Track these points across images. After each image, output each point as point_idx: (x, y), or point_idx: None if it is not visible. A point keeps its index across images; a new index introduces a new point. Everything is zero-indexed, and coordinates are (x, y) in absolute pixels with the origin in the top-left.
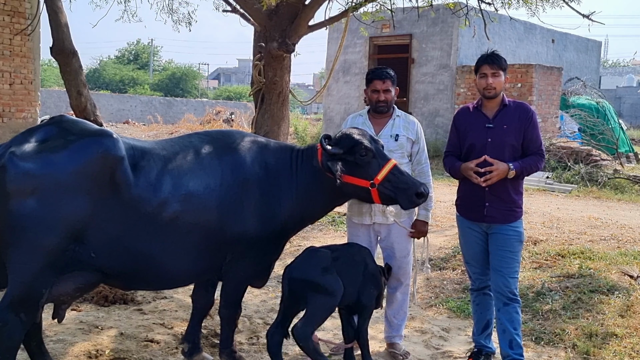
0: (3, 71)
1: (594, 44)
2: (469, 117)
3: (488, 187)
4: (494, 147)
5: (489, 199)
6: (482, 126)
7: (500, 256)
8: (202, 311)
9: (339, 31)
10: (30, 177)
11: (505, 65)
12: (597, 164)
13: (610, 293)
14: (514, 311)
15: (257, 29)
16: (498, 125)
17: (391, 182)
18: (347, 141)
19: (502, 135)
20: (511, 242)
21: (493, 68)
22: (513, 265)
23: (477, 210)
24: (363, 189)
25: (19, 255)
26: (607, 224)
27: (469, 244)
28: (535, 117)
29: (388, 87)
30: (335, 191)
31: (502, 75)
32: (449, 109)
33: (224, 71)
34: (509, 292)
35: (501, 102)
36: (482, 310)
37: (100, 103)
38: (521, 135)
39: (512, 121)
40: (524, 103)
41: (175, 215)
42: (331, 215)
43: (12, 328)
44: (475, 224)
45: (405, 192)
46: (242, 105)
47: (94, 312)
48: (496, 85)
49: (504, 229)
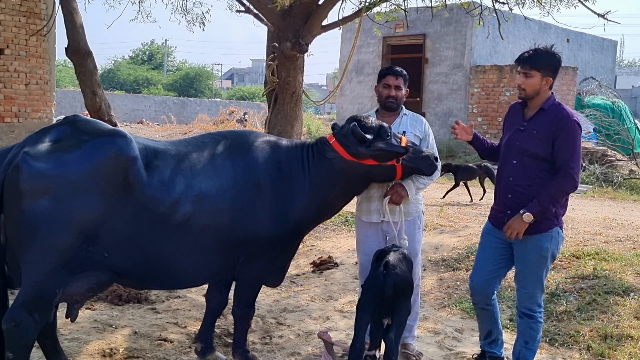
0: (19, 72)
1: (610, 44)
2: (513, 114)
3: (511, 194)
4: (519, 152)
5: (512, 206)
6: (516, 127)
7: (518, 269)
8: (216, 311)
9: (352, 31)
10: (44, 177)
11: (543, 64)
12: (613, 164)
13: (626, 294)
14: (527, 326)
15: (271, 29)
16: (529, 128)
17: (410, 154)
18: (373, 126)
19: (529, 141)
20: (528, 255)
21: (524, 68)
22: (530, 279)
23: (500, 217)
24: (390, 167)
25: (32, 255)
26: (623, 224)
27: (484, 247)
28: (573, 127)
29: (400, 84)
30: (355, 179)
31: (537, 75)
32: (462, 109)
33: (237, 71)
34: (522, 307)
35: (540, 105)
36: (483, 321)
37: (115, 103)
38: (550, 145)
39: (544, 127)
40: (566, 110)
41: (188, 216)
42: (344, 215)
43: (26, 327)
44: (498, 231)
45: (426, 160)
46: (255, 106)
47: (108, 310)
48: (526, 86)
49: (524, 240)
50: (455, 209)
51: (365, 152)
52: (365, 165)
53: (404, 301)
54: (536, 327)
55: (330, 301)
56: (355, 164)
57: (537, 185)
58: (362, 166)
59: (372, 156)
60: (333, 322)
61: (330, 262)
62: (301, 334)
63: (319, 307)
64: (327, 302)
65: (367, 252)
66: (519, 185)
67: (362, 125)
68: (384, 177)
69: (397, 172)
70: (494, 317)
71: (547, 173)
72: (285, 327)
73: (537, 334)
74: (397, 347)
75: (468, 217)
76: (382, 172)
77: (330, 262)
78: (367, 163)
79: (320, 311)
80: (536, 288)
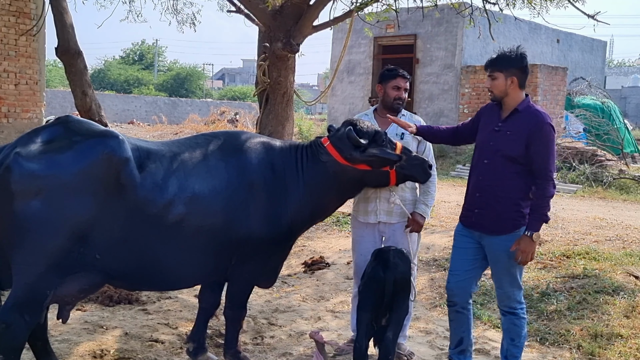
0: (8, 72)
1: (599, 44)
2: (489, 113)
3: (479, 193)
4: (494, 153)
5: (479, 205)
6: (492, 127)
7: (492, 270)
8: (209, 311)
9: (343, 31)
10: (36, 177)
11: (505, 65)
12: (603, 164)
13: (616, 294)
14: (510, 323)
15: (262, 29)
16: (504, 130)
17: (404, 161)
18: (368, 131)
19: (504, 142)
20: (499, 256)
21: (490, 71)
22: (505, 279)
23: (469, 215)
24: (384, 173)
25: (23, 256)
26: (613, 224)
27: (457, 247)
28: (547, 131)
29: (407, 87)
30: (346, 184)
31: (501, 76)
32: (453, 109)
33: (228, 71)
34: (503, 306)
35: (514, 106)
36: (455, 326)
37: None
38: (524, 147)
39: (518, 129)
40: (540, 113)
41: (181, 217)
42: (336, 215)
43: (17, 329)
44: (467, 230)
45: (420, 167)
46: (246, 106)
47: (99, 312)
48: (492, 88)
49: (494, 241)
50: (447, 209)
51: (358, 157)
52: (359, 170)
53: (402, 300)
54: (519, 323)
55: (321, 301)
56: (348, 168)
57: (505, 186)
58: (355, 171)
59: (365, 161)
60: (325, 322)
61: (322, 263)
62: (293, 334)
63: (311, 307)
64: (318, 302)
65: (363, 253)
66: (488, 185)
67: (357, 130)
68: (377, 183)
69: (390, 178)
70: (467, 323)
71: (518, 175)
72: (277, 327)
73: (522, 329)
74: (394, 346)
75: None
76: (376, 178)
77: (322, 262)
78: (360, 168)
79: (311, 311)
80: (512, 286)
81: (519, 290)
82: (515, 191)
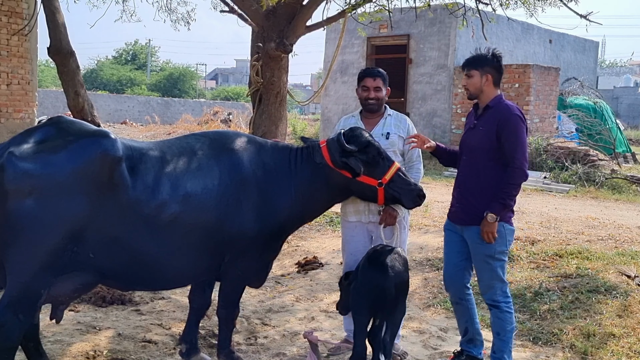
0: (0, 72)
1: (592, 44)
2: (469, 115)
3: (460, 188)
4: (471, 149)
5: (459, 199)
6: (469, 126)
7: (474, 261)
8: (200, 311)
9: (336, 31)
10: (29, 177)
11: (480, 63)
12: (595, 164)
13: (608, 293)
14: (495, 316)
15: (255, 29)
16: (477, 126)
17: (396, 182)
18: (361, 139)
19: (478, 137)
20: (475, 247)
21: (466, 71)
22: (485, 272)
23: (452, 211)
24: (370, 187)
25: (17, 255)
26: (605, 224)
27: (445, 242)
28: (514, 121)
29: (379, 85)
30: (336, 188)
31: (476, 74)
32: (446, 109)
33: (221, 71)
34: (486, 299)
35: (487, 103)
36: (458, 317)
37: (98, 103)
38: (495, 139)
39: (489, 123)
40: (507, 106)
41: (173, 216)
42: (329, 215)
43: (10, 328)
44: (453, 225)
45: (410, 193)
46: (239, 106)
47: (92, 312)
48: (468, 85)
49: (471, 232)
50: (440, 209)
51: (338, 161)
52: (343, 176)
53: (401, 302)
54: (504, 317)
55: (315, 301)
56: (335, 172)
57: (483, 178)
58: (341, 176)
59: (344, 167)
60: (318, 322)
61: (315, 263)
62: (286, 334)
63: (304, 307)
64: (312, 302)
65: (353, 252)
66: (467, 180)
67: (349, 137)
68: (363, 195)
69: (378, 196)
70: (468, 313)
71: (493, 168)
72: (270, 327)
73: (507, 324)
74: (392, 348)
75: None
76: (361, 190)
77: (315, 262)
78: (344, 174)
79: (305, 311)
80: (493, 279)
81: (502, 284)
82: (491, 184)
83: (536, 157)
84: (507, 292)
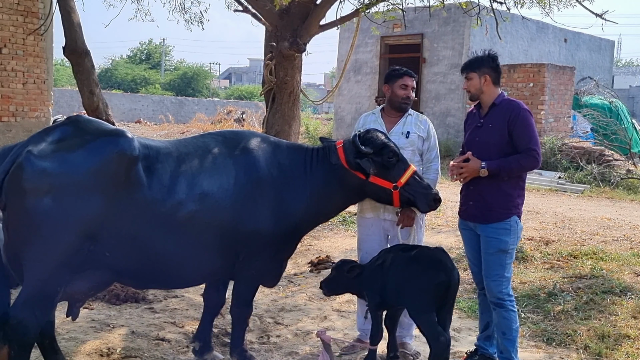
0: (16, 71)
1: (607, 43)
2: (470, 117)
3: (472, 186)
4: (480, 146)
5: (472, 197)
6: (474, 125)
7: (483, 258)
8: (214, 310)
9: (350, 31)
10: (47, 175)
11: (477, 65)
12: (610, 164)
13: (623, 294)
14: (500, 316)
15: (269, 28)
16: (485, 124)
17: (412, 186)
18: (377, 142)
19: (487, 134)
20: (489, 243)
21: (465, 74)
22: (495, 267)
23: (464, 209)
24: (385, 190)
25: (34, 253)
26: (620, 224)
27: (464, 242)
28: (525, 115)
29: (414, 85)
30: (352, 189)
31: (475, 75)
32: (460, 109)
33: (235, 71)
34: (492, 296)
35: (492, 102)
36: (482, 311)
37: (112, 102)
38: (506, 134)
39: (498, 120)
40: (515, 102)
41: (189, 215)
42: (342, 214)
43: (28, 325)
44: (466, 223)
45: (425, 197)
46: (253, 105)
47: (106, 310)
48: (469, 87)
49: (485, 229)
50: (453, 209)
51: (352, 162)
52: (358, 178)
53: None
54: (508, 316)
55: (327, 301)
56: (350, 173)
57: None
58: (355, 177)
59: (357, 169)
60: (331, 321)
61: (328, 262)
62: (299, 333)
63: (317, 306)
64: (324, 301)
65: (369, 251)
66: (478, 177)
67: (365, 138)
68: (379, 198)
69: (393, 199)
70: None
71: None
72: (283, 326)
73: (512, 323)
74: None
75: None
76: (375, 192)
77: (328, 261)
78: (358, 175)
79: (317, 311)
80: (501, 275)
81: (507, 282)
82: (505, 181)
83: (551, 157)
84: (511, 291)
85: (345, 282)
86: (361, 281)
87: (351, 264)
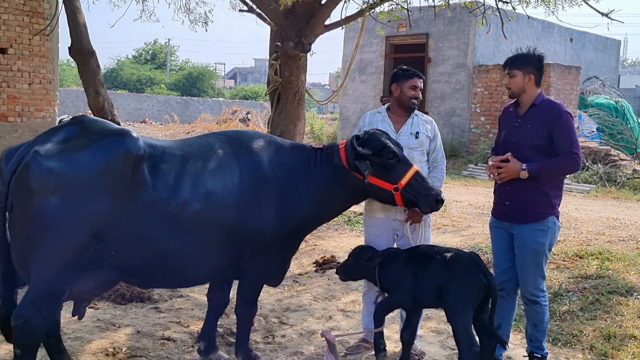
0: (22, 71)
1: (613, 43)
2: (506, 115)
3: (509, 185)
4: (518, 146)
5: (509, 198)
6: (511, 124)
7: (518, 258)
8: (218, 310)
9: (355, 30)
10: (54, 175)
11: (523, 63)
12: (616, 164)
13: (629, 294)
14: (533, 311)
15: (274, 28)
16: (523, 124)
17: (413, 187)
18: (376, 143)
19: (525, 134)
20: (526, 245)
21: (508, 70)
22: (530, 267)
23: (499, 209)
24: (386, 191)
25: (41, 253)
26: (626, 224)
27: (493, 240)
28: (566, 118)
29: (422, 86)
30: (354, 190)
31: (519, 73)
32: (465, 109)
33: (240, 71)
34: (527, 293)
35: (531, 102)
36: (499, 311)
37: (118, 102)
38: (546, 136)
39: (538, 121)
40: (556, 104)
41: (194, 214)
42: (346, 214)
43: (34, 324)
44: (500, 222)
45: (426, 198)
46: (258, 105)
47: (111, 309)
48: (511, 85)
49: (521, 230)
50: (459, 209)
51: (351, 162)
52: (359, 179)
53: None
54: (542, 311)
55: (332, 300)
56: (351, 174)
57: None
58: (356, 178)
59: (355, 169)
60: (336, 321)
61: (333, 262)
62: (304, 333)
63: (322, 306)
64: (329, 301)
65: None
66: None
67: (364, 139)
68: (380, 198)
69: (396, 199)
70: (507, 311)
71: None
72: (288, 326)
73: (544, 316)
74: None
75: (471, 216)
76: (377, 193)
77: (333, 261)
78: (357, 175)
79: (322, 310)
80: (536, 275)
81: (542, 279)
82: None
83: None
84: (544, 287)
85: (363, 270)
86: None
87: (371, 252)
